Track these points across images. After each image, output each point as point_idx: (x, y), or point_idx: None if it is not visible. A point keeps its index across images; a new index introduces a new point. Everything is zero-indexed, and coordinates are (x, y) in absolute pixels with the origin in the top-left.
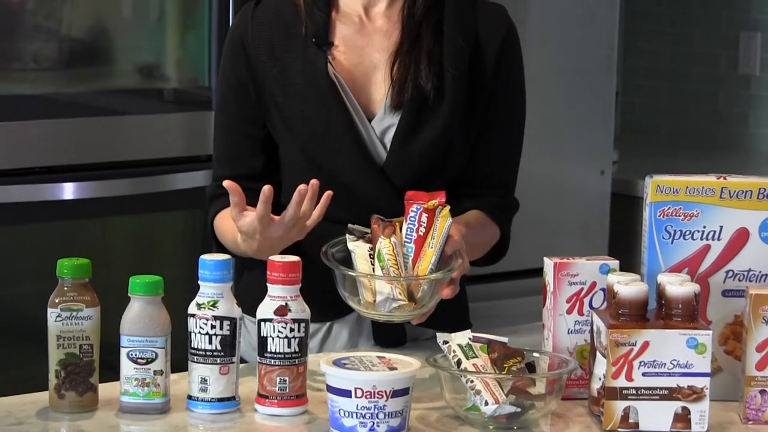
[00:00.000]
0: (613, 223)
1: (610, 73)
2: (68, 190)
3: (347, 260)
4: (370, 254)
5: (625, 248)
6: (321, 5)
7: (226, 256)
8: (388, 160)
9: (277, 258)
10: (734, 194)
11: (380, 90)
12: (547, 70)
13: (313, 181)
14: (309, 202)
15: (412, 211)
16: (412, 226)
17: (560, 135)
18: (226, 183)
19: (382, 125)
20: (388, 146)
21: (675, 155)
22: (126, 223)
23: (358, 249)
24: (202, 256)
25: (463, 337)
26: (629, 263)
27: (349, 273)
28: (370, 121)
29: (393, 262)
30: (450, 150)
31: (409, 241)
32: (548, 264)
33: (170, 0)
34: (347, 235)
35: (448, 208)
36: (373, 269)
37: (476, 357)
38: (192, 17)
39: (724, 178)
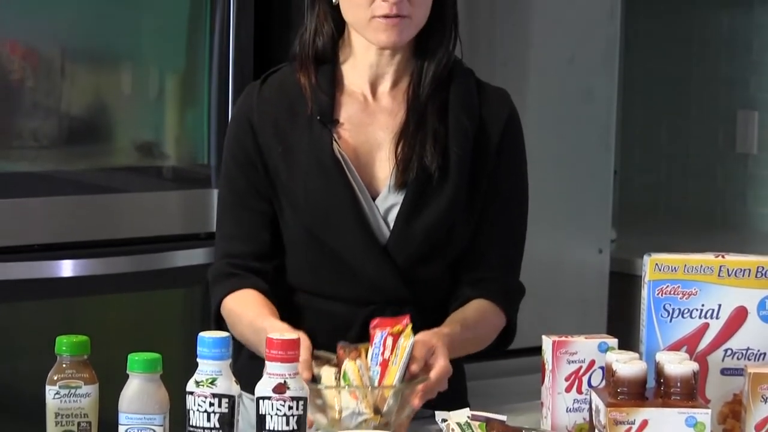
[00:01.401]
0: (612, 302)
1: (608, 151)
2: (67, 268)
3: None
4: (335, 377)
5: (623, 326)
6: (326, 84)
7: (225, 334)
8: (391, 240)
9: (275, 335)
10: (732, 273)
11: (384, 169)
12: (545, 148)
13: None
14: None
15: (377, 337)
16: (377, 351)
17: (558, 213)
18: (303, 340)
19: (386, 204)
20: (391, 225)
21: (673, 234)
22: (125, 301)
23: (324, 372)
24: (201, 334)
25: (462, 415)
26: (628, 341)
27: (315, 387)
28: (374, 199)
29: (359, 382)
30: (453, 230)
31: (374, 364)
32: (547, 342)
33: (170, 78)
34: (313, 360)
35: (410, 326)
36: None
37: None
38: (191, 95)
39: (723, 257)
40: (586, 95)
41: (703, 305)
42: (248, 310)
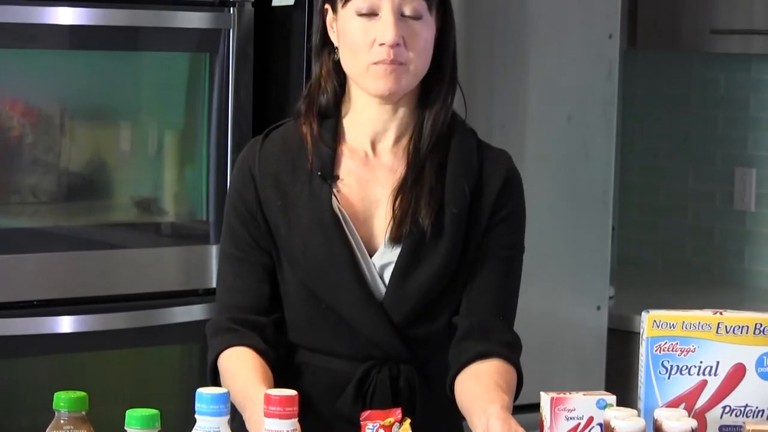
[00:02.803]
0: (610, 358)
1: (606, 208)
2: (66, 323)
3: None
4: None
5: (622, 383)
6: (328, 139)
7: (224, 390)
8: (386, 297)
9: (273, 391)
10: (731, 330)
11: (382, 225)
12: (543, 206)
13: None
14: None
15: (368, 429)
16: None
17: (556, 270)
18: None
19: (383, 261)
20: (387, 282)
21: (671, 290)
22: (123, 356)
23: None
24: (199, 390)
25: None
26: (626, 398)
27: None
28: (371, 255)
29: None
30: (448, 289)
31: None
32: (545, 399)
33: (169, 135)
34: None
35: (408, 421)
36: None
37: None
38: (190, 152)
39: (721, 314)
40: (584, 153)
41: (701, 362)
42: (242, 371)
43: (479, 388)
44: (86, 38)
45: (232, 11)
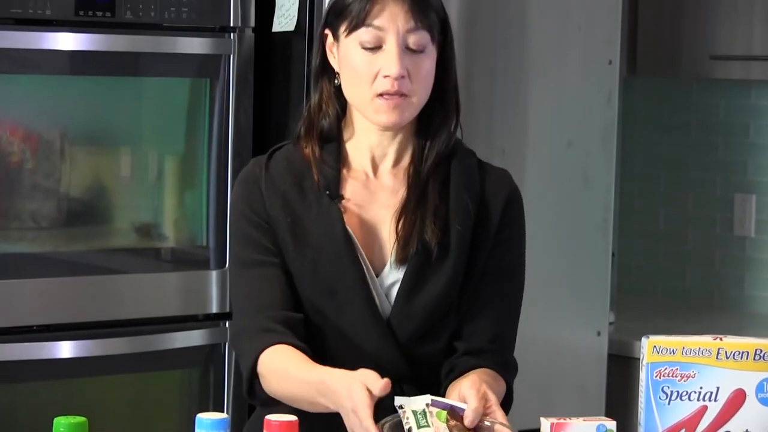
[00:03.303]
0: (610, 384)
1: (606, 235)
2: (66, 349)
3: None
4: None
5: (622, 409)
6: (331, 160)
7: (223, 415)
8: (392, 315)
9: (273, 417)
10: (731, 355)
11: (386, 246)
12: (544, 232)
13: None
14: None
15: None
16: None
17: (556, 296)
18: (384, 383)
19: (388, 281)
20: (392, 301)
21: (671, 316)
22: (123, 382)
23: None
24: (199, 415)
25: (421, 402)
26: (626, 424)
27: None
28: (376, 276)
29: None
30: (452, 306)
31: None
32: (545, 425)
33: (168, 160)
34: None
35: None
36: None
37: (427, 426)
38: (190, 177)
39: (721, 339)
40: (584, 178)
41: (701, 387)
42: (294, 364)
43: (463, 379)
44: (87, 64)
45: (232, 37)
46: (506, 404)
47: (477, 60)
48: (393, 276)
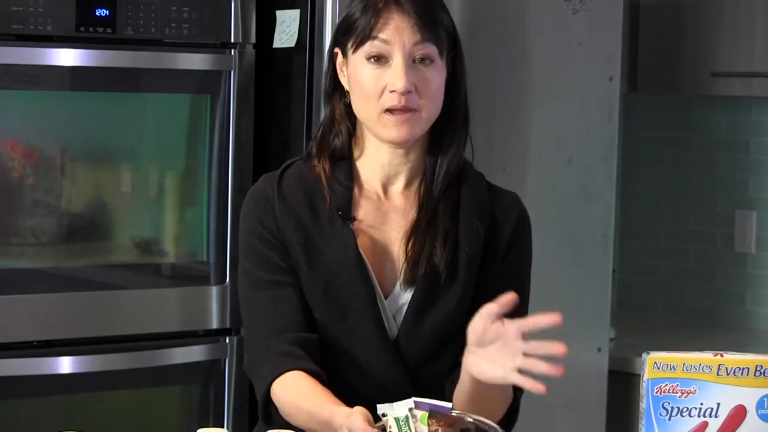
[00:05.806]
0: (611, 400)
1: (607, 252)
2: (66, 364)
3: None
4: None
5: (622, 425)
6: (343, 180)
7: (223, 431)
8: (400, 337)
9: None
10: (731, 371)
11: (395, 267)
12: (544, 249)
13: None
14: None
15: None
16: None
17: (558, 311)
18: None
19: (397, 303)
20: (400, 322)
21: (672, 333)
22: (123, 397)
23: None
24: (199, 431)
25: (403, 407)
26: None
27: None
28: (386, 297)
29: None
30: (460, 328)
31: None
32: None
33: (169, 176)
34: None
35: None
36: None
37: None
38: (191, 194)
39: (721, 355)
40: (584, 195)
41: (702, 404)
42: (305, 396)
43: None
44: (87, 80)
45: (233, 53)
46: (512, 415)
47: (477, 77)
48: (402, 297)
